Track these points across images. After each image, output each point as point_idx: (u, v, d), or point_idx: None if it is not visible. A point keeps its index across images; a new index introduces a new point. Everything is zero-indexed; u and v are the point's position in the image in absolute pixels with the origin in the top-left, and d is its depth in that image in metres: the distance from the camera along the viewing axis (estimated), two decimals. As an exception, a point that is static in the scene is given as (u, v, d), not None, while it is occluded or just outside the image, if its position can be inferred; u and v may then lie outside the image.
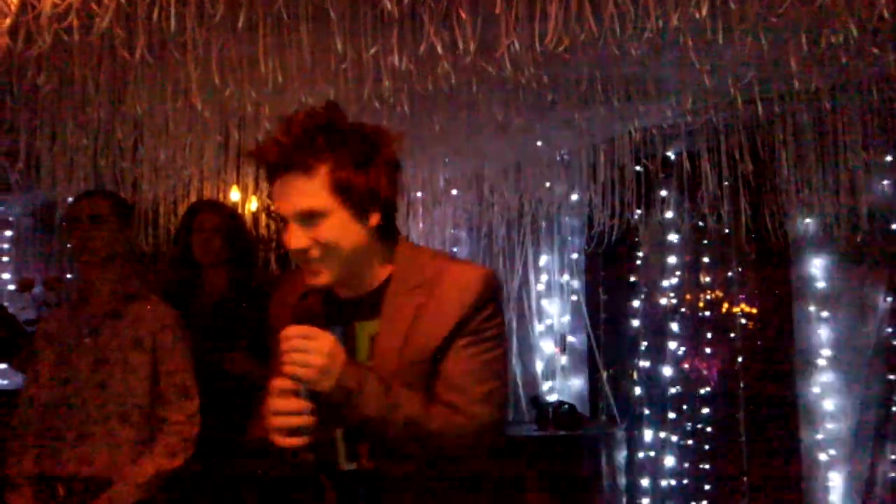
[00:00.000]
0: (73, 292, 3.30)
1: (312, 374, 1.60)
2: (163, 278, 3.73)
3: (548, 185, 5.31)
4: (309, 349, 1.60)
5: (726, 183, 4.33)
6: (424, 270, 1.76)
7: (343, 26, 2.59)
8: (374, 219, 1.73)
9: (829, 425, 4.78)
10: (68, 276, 5.30)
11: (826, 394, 4.79)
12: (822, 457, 4.78)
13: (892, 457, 4.55)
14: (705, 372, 5.58)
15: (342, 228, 1.69)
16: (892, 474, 4.54)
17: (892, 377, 4.58)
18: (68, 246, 3.03)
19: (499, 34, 2.59)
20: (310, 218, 1.67)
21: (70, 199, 3.18)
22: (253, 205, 5.14)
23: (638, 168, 4.78)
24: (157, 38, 2.59)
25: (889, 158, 4.16)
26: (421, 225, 5.46)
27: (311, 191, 1.65)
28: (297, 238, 1.69)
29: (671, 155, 4.89)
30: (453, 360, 1.71)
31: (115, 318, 2.98)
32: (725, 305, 5.46)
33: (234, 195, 4.93)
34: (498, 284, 1.78)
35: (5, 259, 7.38)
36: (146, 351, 2.94)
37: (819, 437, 4.80)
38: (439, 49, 2.53)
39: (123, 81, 3.08)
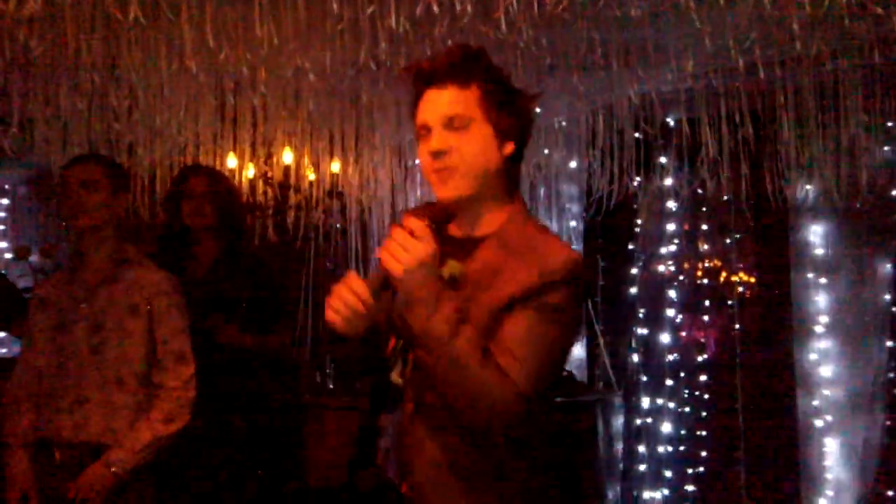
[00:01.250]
0: (68, 259, 3.29)
1: (396, 269, 1.66)
2: (152, 243, 3.70)
3: (546, 151, 5.27)
4: (408, 247, 1.66)
5: (726, 149, 4.28)
6: (525, 236, 1.81)
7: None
8: (509, 147, 1.83)
9: (826, 391, 4.78)
10: (64, 243, 5.29)
11: (823, 360, 4.78)
12: (818, 423, 4.79)
13: (888, 423, 4.56)
14: (703, 339, 5.59)
15: (483, 141, 1.79)
16: (886, 440, 4.54)
17: (890, 344, 4.58)
18: (61, 212, 2.98)
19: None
20: (456, 125, 1.77)
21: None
22: (250, 172, 5.11)
23: (637, 135, 4.74)
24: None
25: (890, 124, 4.12)
26: (419, 192, 5.42)
27: (463, 100, 1.77)
28: (440, 139, 1.78)
29: (670, 121, 4.85)
30: (510, 323, 1.70)
31: (110, 283, 2.97)
32: (724, 273, 5.45)
33: (231, 162, 4.90)
34: (581, 272, 1.76)
35: (2, 227, 7.37)
36: (142, 316, 2.94)
37: (815, 402, 4.80)
38: (436, 9, 2.48)
39: (117, 44, 3.02)
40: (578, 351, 5.89)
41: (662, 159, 5.04)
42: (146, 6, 2.63)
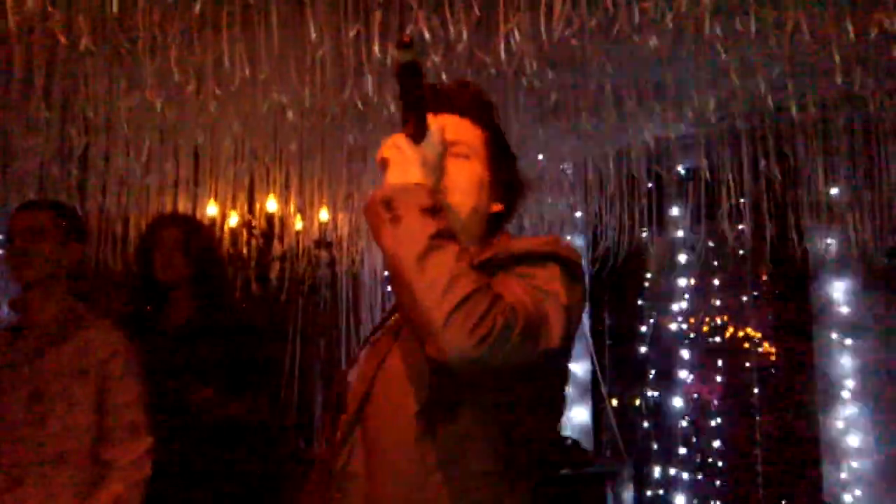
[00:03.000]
0: (13, 316, 2.95)
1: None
2: (119, 301, 3.38)
3: (549, 200, 4.97)
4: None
5: (743, 200, 3.98)
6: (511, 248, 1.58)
7: (317, 10, 2.23)
8: (498, 206, 1.67)
9: (854, 463, 4.47)
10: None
11: (850, 428, 4.48)
12: (847, 498, 4.46)
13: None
14: (717, 403, 5.31)
15: (479, 182, 1.63)
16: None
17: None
18: (4, 264, 2.67)
19: (497, 20, 2.24)
20: (456, 152, 1.61)
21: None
22: (232, 220, 4.79)
23: (649, 184, 4.45)
24: (100, 23, 2.23)
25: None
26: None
27: (472, 134, 1.65)
28: None
29: (683, 169, 4.56)
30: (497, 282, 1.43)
31: (57, 345, 2.66)
32: (739, 332, 5.17)
33: (211, 209, 4.58)
34: (573, 252, 1.52)
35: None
36: (92, 382, 2.63)
37: (843, 475, 4.50)
38: (427, 36, 2.17)
39: (71, 75, 2.71)
40: (584, 416, 5.60)
41: (675, 210, 4.74)
42: (98, 35, 2.31)
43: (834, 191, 3.91)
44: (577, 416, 5.59)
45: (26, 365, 2.65)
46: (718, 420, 5.25)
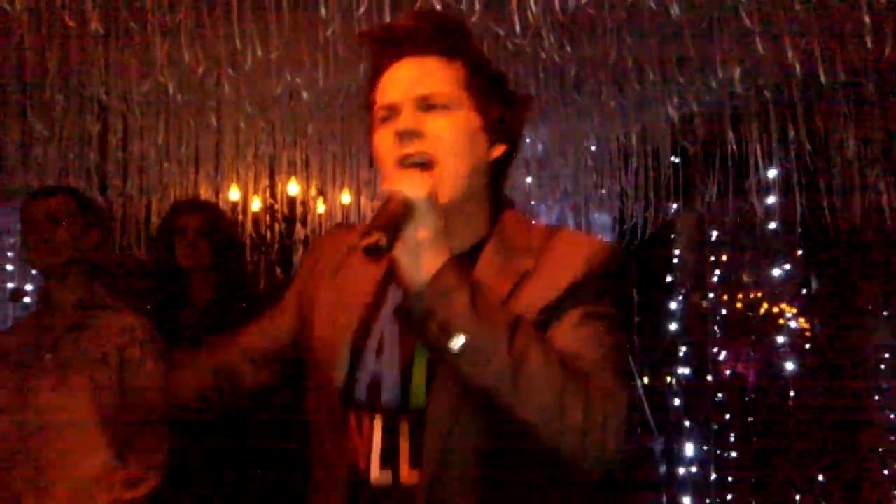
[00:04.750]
0: (35, 303, 2.98)
1: (417, 192, 1.20)
2: (142, 286, 3.40)
3: (574, 176, 4.91)
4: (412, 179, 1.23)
5: (775, 171, 3.88)
6: (532, 235, 1.40)
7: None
8: (500, 149, 1.42)
9: (892, 437, 4.42)
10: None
11: (886, 403, 4.42)
12: (886, 472, 4.40)
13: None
14: (751, 379, 5.23)
15: (467, 133, 1.36)
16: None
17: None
18: (25, 250, 2.68)
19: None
20: (434, 103, 1.34)
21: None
22: (255, 204, 4.79)
23: (674, 158, 4.36)
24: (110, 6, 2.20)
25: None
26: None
27: (446, 77, 1.36)
28: (412, 118, 1.33)
29: (713, 141, 4.47)
30: (562, 338, 1.26)
31: (78, 330, 2.66)
32: (773, 307, 5.08)
33: (234, 194, 4.58)
34: (626, 262, 1.36)
35: (10, 267, 7.13)
36: (112, 366, 2.64)
37: (881, 449, 4.43)
38: (439, 8, 2.11)
39: (83, 60, 2.69)
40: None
41: (702, 184, 4.67)
42: (110, 18, 2.28)
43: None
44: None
45: (49, 352, 2.68)
46: (753, 396, 5.19)
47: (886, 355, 4.48)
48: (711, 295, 5.20)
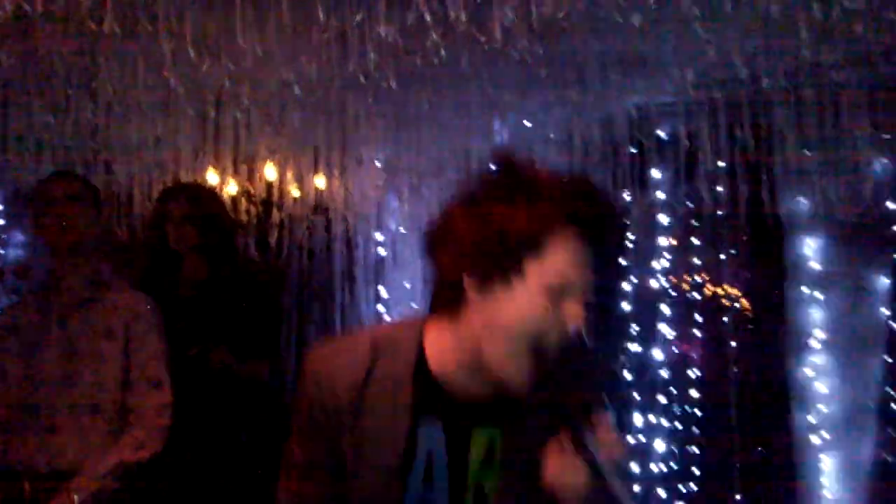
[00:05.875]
0: (41, 280, 3.14)
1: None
2: (139, 266, 3.57)
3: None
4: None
5: (721, 164, 4.18)
6: None
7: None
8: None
9: (822, 408, 4.69)
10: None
11: (819, 376, 4.69)
12: (815, 440, 4.68)
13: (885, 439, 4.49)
14: (695, 355, 5.51)
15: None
16: (883, 457, 4.47)
17: (887, 359, 4.49)
18: (39, 229, 2.81)
19: (491, 3, 2.42)
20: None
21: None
22: (231, 187, 4.95)
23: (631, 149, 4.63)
24: (127, 8, 2.39)
25: (888, 136, 4.03)
26: (406, 206, 5.27)
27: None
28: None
29: (664, 135, 4.75)
30: None
31: (85, 307, 2.84)
32: (717, 288, 5.36)
33: (212, 178, 4.74)
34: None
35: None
36: (118, 340, 2.83)
37: (811, 419, 4.70)
38: (428, 18, 2.35)
39: (92, 57, 2.85)
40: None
41: (656, 173, 4.94)
42: (124, 18, 2.46)
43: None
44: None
45: (57, 326, 2.85)
46: (697, 372, 5.45)
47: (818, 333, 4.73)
48: (661, 277, 5.39)
